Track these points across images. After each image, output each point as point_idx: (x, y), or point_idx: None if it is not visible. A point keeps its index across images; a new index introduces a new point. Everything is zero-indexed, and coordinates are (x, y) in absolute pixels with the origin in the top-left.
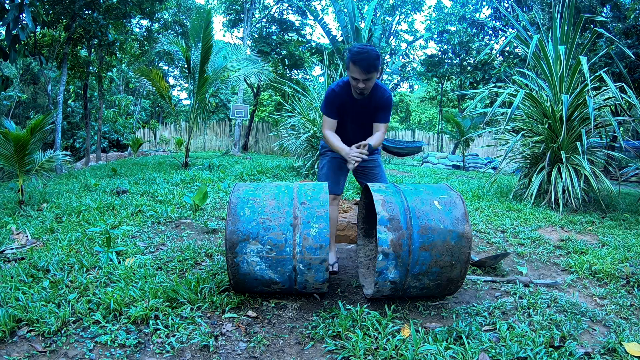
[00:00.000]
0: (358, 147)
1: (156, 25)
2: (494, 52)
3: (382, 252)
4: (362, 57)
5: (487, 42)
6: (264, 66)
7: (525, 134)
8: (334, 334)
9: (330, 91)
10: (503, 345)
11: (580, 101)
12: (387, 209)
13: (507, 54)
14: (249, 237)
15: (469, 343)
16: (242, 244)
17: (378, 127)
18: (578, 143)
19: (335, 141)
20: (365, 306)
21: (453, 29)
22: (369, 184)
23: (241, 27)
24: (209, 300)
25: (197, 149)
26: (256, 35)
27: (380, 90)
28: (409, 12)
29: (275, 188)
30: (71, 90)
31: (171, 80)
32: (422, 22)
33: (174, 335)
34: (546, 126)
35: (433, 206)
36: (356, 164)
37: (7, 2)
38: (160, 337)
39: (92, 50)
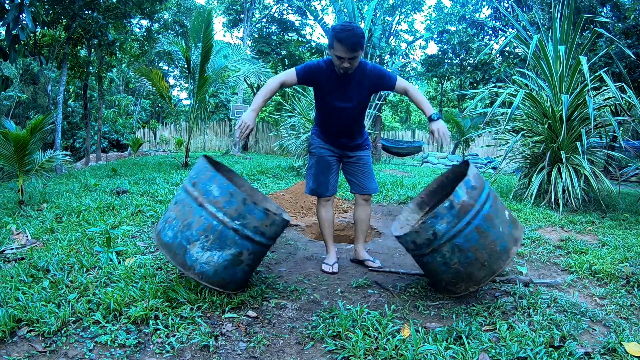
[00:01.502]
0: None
1: (156, 25)
2: (494, 52)
3: (450, 202)
4: (348, 35)
5: (487, 42)
6: (263, 66)
7: (525, 134)
8: (334, 334)
9: (316, 63)
10: (503, 345)
11: (580, 101)
12: (476, 181)
13: (507, 54)
14: (186, 248)
15: (469, 343)
16: (188, 257)
17: (399, 89)
18: (578, 143)
19: (265, 100)
20: (365, 306)
21: (453, 29)
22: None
23: (241, 27)
24: (209, 300)
25: (197, 149)
26: (256, 35)
27: (365, 65)
28: (409, 12)
29: (174, 197)
30: (71, 90)
31: (171, 80)
32: (422, 22)
33: (174, 335)
34: (546, 126)
35: (504, 212)
36: (241, 138)
37: (7, 2)
38: (160, 337)
39: (92, 50)
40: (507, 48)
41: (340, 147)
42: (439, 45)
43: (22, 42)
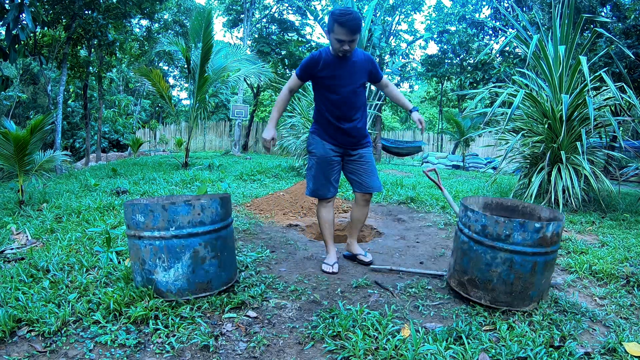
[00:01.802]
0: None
1: (156, 25)
2: (494, 52)
3: (541, 226)
4: (348, 18)
5: (487, 42)
6: (263, 66)
7: (525, 134)
8: (334, 334)
9: (311, 56)
10: (503, 345)
11: (580, 101)
12: (561, 231)
13: (507, 54)
14: (154, 280)
15: (469, 343)
16: (160, 285)
17: (382, 84)
18: (578, 143)
19: (279, 110)
20: (365, 306)
21: (453, 29)
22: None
23: (241, 27)
24: (209, 300)
25: (197, 149)
26: (256, 35)
27: (362, 51)
28: (409, 12)
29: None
30: (71, 90)
31: (171, 80)
32: (422, 22)
33: (174, 335)
34: (546, 126)
35: (552, 272)
36: (270, 151)
37: (7, 2)
38: (160, 337)
39: (92, 50)
40: (507, 48)
41: (342, 145)
42: (439, 45)
43: (22, 42)
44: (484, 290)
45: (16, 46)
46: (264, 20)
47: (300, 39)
